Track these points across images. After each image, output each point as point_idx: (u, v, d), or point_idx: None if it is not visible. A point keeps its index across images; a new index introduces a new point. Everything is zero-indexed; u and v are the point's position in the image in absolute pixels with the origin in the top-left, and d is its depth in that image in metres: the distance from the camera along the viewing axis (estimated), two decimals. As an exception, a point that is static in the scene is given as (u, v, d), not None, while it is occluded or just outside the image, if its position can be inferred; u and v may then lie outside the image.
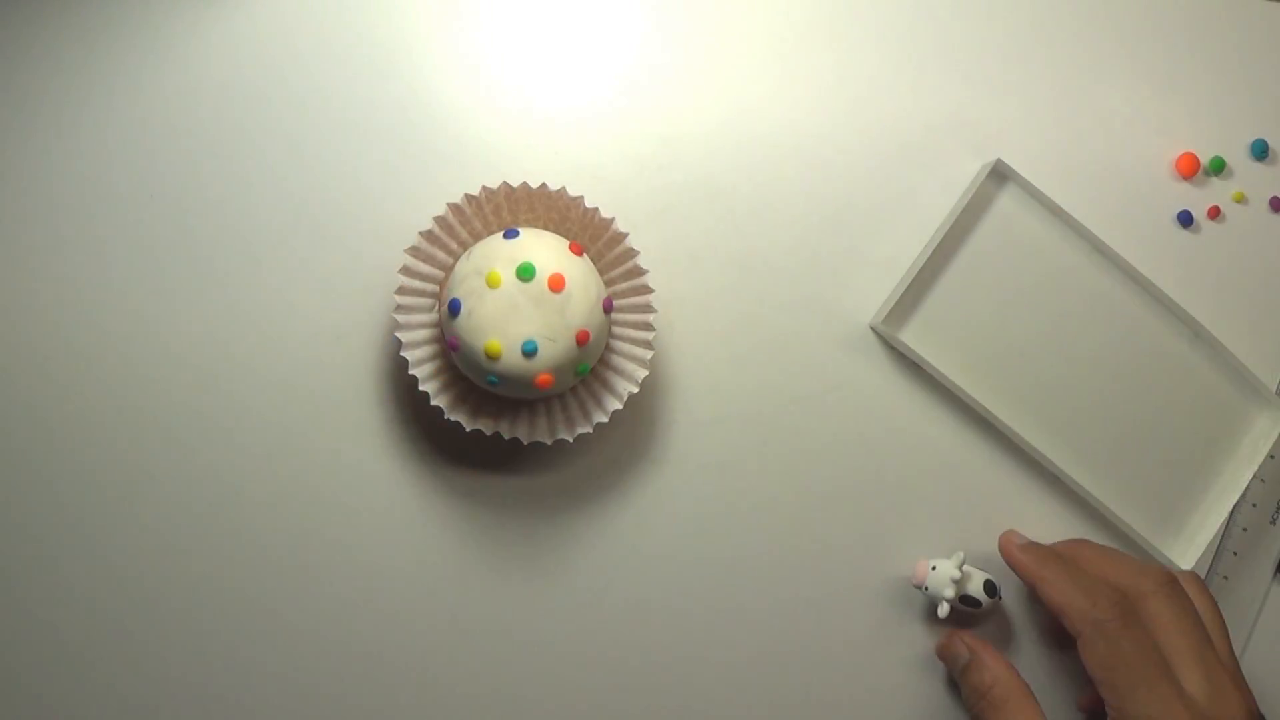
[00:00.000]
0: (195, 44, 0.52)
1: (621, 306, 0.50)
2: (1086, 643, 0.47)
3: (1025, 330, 0.54)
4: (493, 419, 0.49)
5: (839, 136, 0.54)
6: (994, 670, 0.50)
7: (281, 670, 0.51)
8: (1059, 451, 0.54)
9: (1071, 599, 0.47)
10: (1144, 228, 0.56)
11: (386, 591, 0.52)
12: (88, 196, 0.51)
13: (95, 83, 0.52)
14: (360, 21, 0.53)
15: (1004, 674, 0.50)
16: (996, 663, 0.50)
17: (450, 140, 0.53)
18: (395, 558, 0.52)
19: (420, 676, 0.52)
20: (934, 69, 0.55)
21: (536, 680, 0.52)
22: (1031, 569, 0.49)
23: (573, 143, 0.53)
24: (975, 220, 0.54)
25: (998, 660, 0.50)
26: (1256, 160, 0.56)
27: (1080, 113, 0.56)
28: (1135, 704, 0.45)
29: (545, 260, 0.46)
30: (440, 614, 0.52)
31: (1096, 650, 0.46)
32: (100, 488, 0.51)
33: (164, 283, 0.52)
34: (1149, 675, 0.46)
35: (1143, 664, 0.46)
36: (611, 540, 0.53)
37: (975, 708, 0.50)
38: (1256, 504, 0.56)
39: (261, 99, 0.52)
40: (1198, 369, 0.55)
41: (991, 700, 0.49)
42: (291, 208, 0.52)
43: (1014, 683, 0.49)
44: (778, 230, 0.54)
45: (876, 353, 0.54)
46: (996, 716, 0.49)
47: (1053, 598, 0.48)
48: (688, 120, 0.54)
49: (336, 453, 0.52)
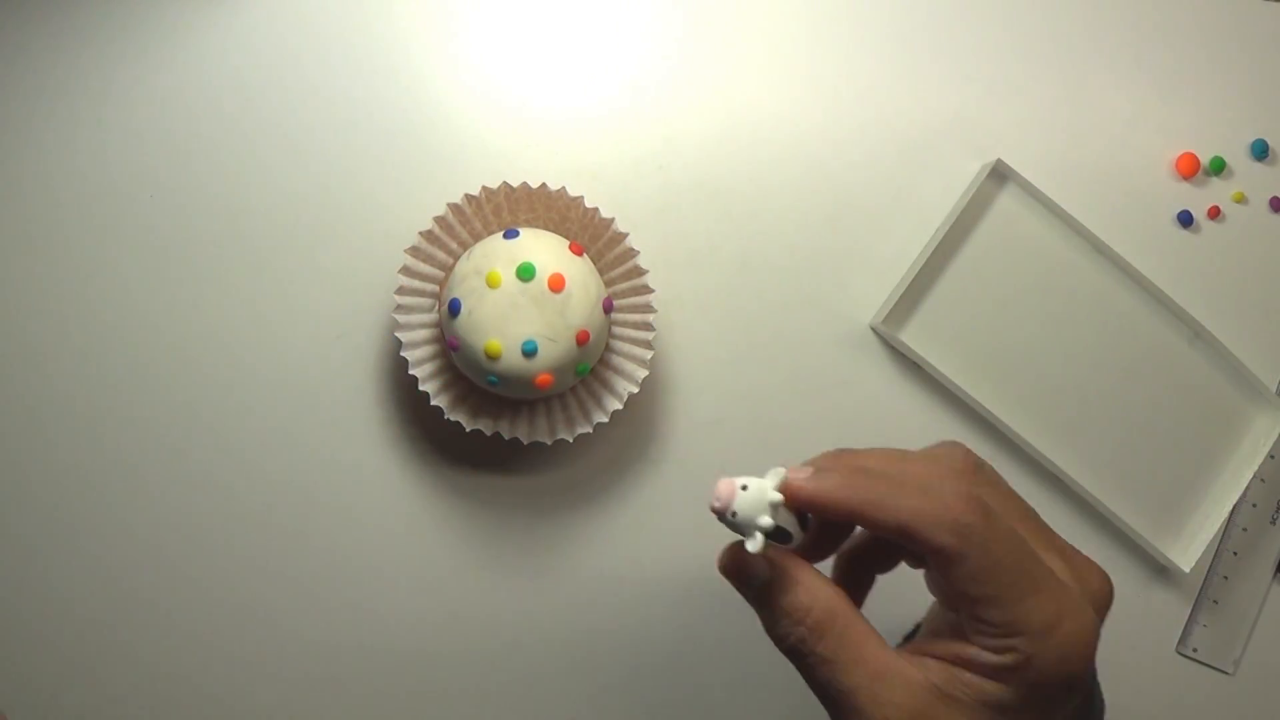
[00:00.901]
0: (195, 44, 0.52)
1: (621, 306, 0.50)
2: (952, 558, 0.36)
3: (1025, 330, 0.54)
4: (493, 419, 0.49)
5: (839, 137, 0.54)
6: (811, 587, 0.38)
7: (281, 670, 0.51)
8: (1059, 451, 0.54)
9: (919, 511, 0.36)
10: (1144, 228, 0.56)
11: (386, 591, 0.52)
12: (88, 196, 0.51)
13: (95, 83, 0.52)
14: (360, 22, 0.53)
15: (824, 591, 0.38)
16: (811, 577, 0.38)
17: (450, 140, 0.53)
18: (395, 557, 0.52)
19: (420, 676, 0.52)
20: (934, 69, 0.55)
21: (536, 680, 0.52)
22: (846, 496, 0.37)
23: (573, 143, 0.53)
24: (975, 220, 0.54)
25: (812, 574, 0.38)
26: (1256, 160, 0.56)
27: (1080, 113, 0.56)
28: (1027, 613, 0.36)
29: (545, 260, 0.46)
30: (440, 613, 0.52)
31: (967, 563, 0.36)
32: (100, 486, 0.51)
33: (164, 283, 0.52)
34: (1033, 575, 0.37)
35: (1021, 564, 0.36)
36: (611, 540, 0.53)
37: (790, 637, 0.37)
38: (1256, 504, 0.56)
39: (261, 99, 0.52)
40: (1198, 369, 0.55)
41: (813, 625, 0.37)
42: (292, 208, 0.52)
43: (839, 600, 0.38)
44: (778, 230, 0.54)
45: (876, 353, 0.54)
46: (824, 647, 0.37)
47: (894, 518, 0.36)
48: (688, 120, 0.54)
49: (336, 452, 0.52)
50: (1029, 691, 0.36)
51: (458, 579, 0.52)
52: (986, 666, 0.36)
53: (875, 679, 0.37)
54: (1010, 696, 0.36)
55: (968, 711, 0.37)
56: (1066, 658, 0.37)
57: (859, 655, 0.37)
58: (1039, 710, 0.37)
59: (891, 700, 0.36)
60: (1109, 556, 0.55)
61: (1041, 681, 0.36)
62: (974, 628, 0.37)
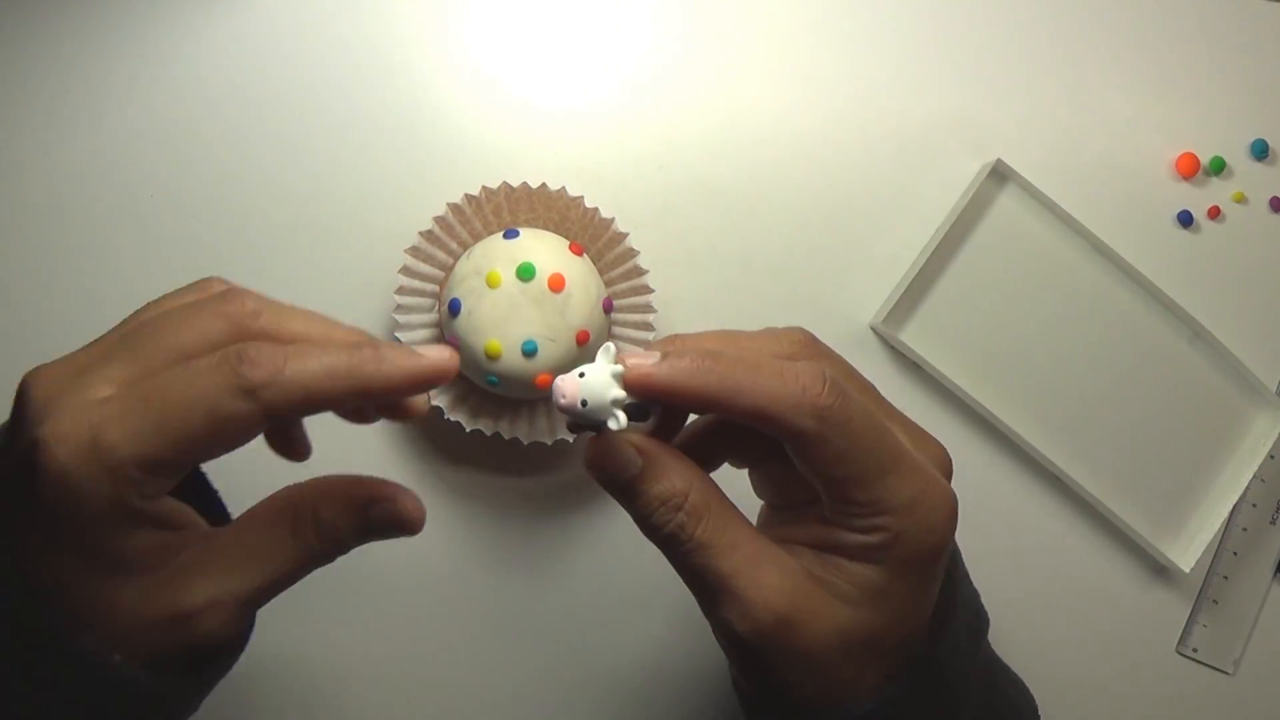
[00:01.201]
0: (195, 45, 0.52)
1: (621, 306, 0.50)
2: (814, 441, 0.35)
3: (1025, 330, 0.54)
4: (493, 419, 0.49)
5: (839, 137, 0.54)
6: (683, 472, 0.36)
7: (280, 670, 0.51)
8: (1059, 451, 0.54)
9: (777, 396, 0.35)
10: (1144, 228, 0.56)
11: (385, 590, 0.52)
12: (88, 196, 0.51)
13: (95, 83, 0.52)
14: (360, 22, 0.53)
15: (696, 475, 0.36)
16: (681, 462, 0.37)
17: (450, 140, 0.53)
18: (394, 557, 0.52)
19: (419, 675, 0.52)
20: (934, 69, 0.55)
21: (536, 679, 0.52)
22: (702, 382, 0.35)
23: (573, 143, 0.53)
24: (975, 220, 0.54)
25: (680, 459, 0.37)
26: (1256, 160, 0.56)
27: (1080, 113, 0.56)
28: (890, 490, 0.35)
29: (545, 260, 0.46)
30: (440, 612, 0.52)
31: (828, 446, 0.35)
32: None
33: (164, 283, 0.52)
34: (892, 451, 0.36)
35: (880, 442, 0.36)
36: (611, 540, 0.53)
37: (668, 525, 0.36)
38: (1256, 504, 0.56)
39: (261, 99, 0.52)
40: (1198, 369, 0.55)
41: (690, 510, 0.36)
42: (291, 207, 0.52)
43: (710, 485, 0.37)
44: (778, 230, 0.54)
45: (876, 353, 0.54)
46: (701, 531, 0.36)
47: (751, 403, 0.35)
48: (688, 120, 0.54)
49: (336, 452, 0.52)
50: (900, 568, 0.36)
51: (457, 578, 0.52)
52: (856, 548, 0.36)
53: (752, 563, 0.36)
54: (882, 577, 0.36)
55: (842, 594, 0.36)
56: (932, 529, 0.37)
57: (735, 539, 0.36)
58: (910, 588, 0.37)
59: (769, 583, 0.36)
60: (1109, 556, 0.55)
61: (910, 556, 0.36)
62: (838, 510, 0.36)
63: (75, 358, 0.35)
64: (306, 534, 0.35)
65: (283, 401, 0.32)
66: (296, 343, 0.34)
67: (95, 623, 0.33)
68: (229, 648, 0.37)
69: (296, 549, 0.35)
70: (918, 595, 0.37)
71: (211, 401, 0.32)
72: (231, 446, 0.34)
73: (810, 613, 0.36)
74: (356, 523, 0.36)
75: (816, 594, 0.36)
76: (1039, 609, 0.54)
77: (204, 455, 0.33)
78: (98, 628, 0.33)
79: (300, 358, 0.33)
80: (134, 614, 0.34)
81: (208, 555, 0.34)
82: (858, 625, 0.36)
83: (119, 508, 0.32)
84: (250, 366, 0.32)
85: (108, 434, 0.31)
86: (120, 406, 0.32)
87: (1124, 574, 0.55)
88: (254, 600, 0.35)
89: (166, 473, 0.33)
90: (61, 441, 0.32)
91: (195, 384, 0.32)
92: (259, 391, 0.32)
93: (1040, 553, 0.55)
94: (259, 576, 0.35)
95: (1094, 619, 0.55)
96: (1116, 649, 0.56)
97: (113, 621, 0.33)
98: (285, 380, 0.32)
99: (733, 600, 0.36)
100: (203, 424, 0.32)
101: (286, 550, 0.35)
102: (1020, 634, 0.54)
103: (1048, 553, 0.55)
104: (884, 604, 0.37)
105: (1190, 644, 0.56)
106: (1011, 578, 0.52)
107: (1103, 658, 0.56)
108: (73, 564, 0.33)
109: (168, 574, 0.34)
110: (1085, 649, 0.55)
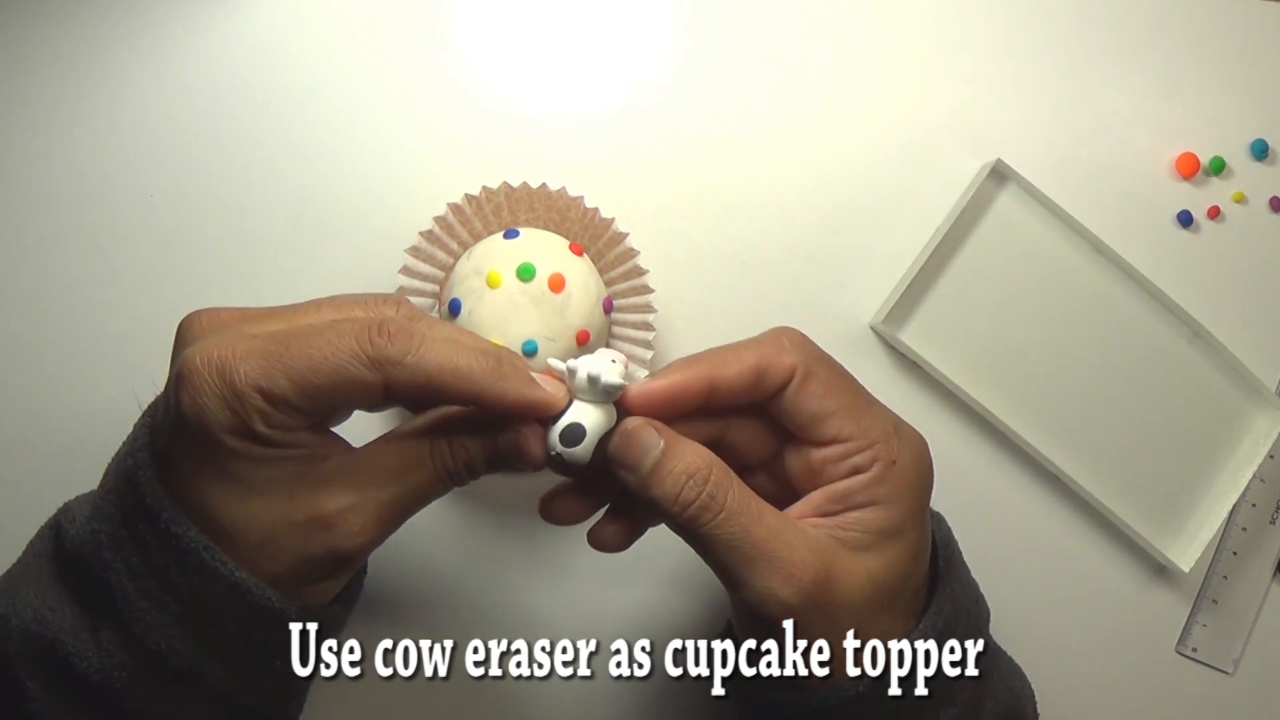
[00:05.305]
0: (195, 44, 0.52)
1: (621, 306, 0.50)
2: (805, 374, 0.39)
3: (1025, 330, 0.54)
4: (493, 419, 0.49)
5: (839, 136, 0.54)
6: (698, 448, 0.38)
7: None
8: (1059, 451, 0.54)
9: (762, 352, 0.39)
10: (1144, 228, 0.56)
11: (385, 590, 0.52)
12: (88, 196, 0.51)
13: (95, 83, 0.52)
14: (360, 22, 0.53)
15: (709, 451, 0.39)
16: (693, 441, 0.39)
17: (450, 140, 0.53)
18: (394, 557, 0.52)
19: (419, 675, 0.52)
20: (934, 69, 0.55)
21: (535, 678, 0.52)
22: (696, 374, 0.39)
23: (573, 143, 0.53)
24: (975, 220, 0.54)
25: (692, 440, 0.39)
26: (1256, 160, 0.56)
27: (1080, 113, 0.56)
28: (873, 420, 0.39)
29: (545, 260, 0.46)
30: (439, 612, 0.52)
31: (817, 378, 0.39)
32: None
33: (164, 283, 0.52)
34: (866, 394, 0.40)
35: (855, 384, 0.40)
36: (611, 540, 0.53)
37: (696, 498, 0.38)
38: (1256, 504, 0.56)
39: (262, 99, 0.52)
40: (1198, 369, 0.55)
41: (717, 481, 0.38)
42: (292, 207, 0.52)
43: (724, 462, 0.39)
44: (778, 230, 0.54)
45: (876, 353, 0.54)
46: (731, 500, 0.38)
47: (742, 364, 0.39)
48: (688, 120, 0.54)
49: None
50: (902, 499, 0.39)
51: (457, 578, 0.52)
52: (860, 488, 0.39)
53: (783, 528, 0.38)
54: (891, 515, 0.39)
55: (862, 544, 0.38)
56: (919, 454, 0.40)
57: (760, 508, 0.38)
58: (917, 523, 0.40)
59: (802, 544, 0.38)
60: (1109, 556, 0.55)
61: (908, 485, 0.39)
62: (830, 455, 0.39)
63: (244, 309, 0.38)
64: (443, 454, 0.37)
65: (406, 381, 0.35)
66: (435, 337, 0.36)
67: (238, 539, 0.35)
68: (362, 562, 0.39)
69: (434, 466, 0.37)
70: (921, 530, 0.40)
71: (342, 359, 0.34)
72: (351, 409, 0.38)
73: (842, 568, 0.38)
74: (487, 448, 0.38)
75: (842, 550, 0.38)
76: (1039, 609, 0.54)
77: (325, 407, 0.35)
78: (240, 544, 0.35)
79: (432, 348, 0.35)
80: (276, 522, 0.36)
81: (349, 465, 0.37)
82: (884, 570, 0.38)
83: (243, 429, 0.34)
84: (386, 340, 0.35)
85: (239, 363, 0.34)
86: (260, 344, 0.35)
87: (1124, 574, 0.55)
88: (392, 508, 0.37)
89: (289, 410, 0.35)
90: (200, 362, 0.35)
91: (332, 343, 0.35)
92: (386, 367, 0.35)
93: (1040, 552, 0.55)
94: (398, 487, 0.37)
95: (1094, 619, 0.55)
96: (1116, 649, 0.56)
97: (253, 534, 0.36)
98: (412, 363, 0.35)
99: (774, 565, 0.37)
100: (328, 379, 0.34)
101: (425, 467, 0.37)
102: (1020, 633, 0.54)
103: (1047, 552, 0.55)
104: (901, 542, 0.39)
105: (1190, 644, 0.56)
106: (1011, 577, 0.52)
107: (1103, 657, 0.56)
108: (215, 483, 0.35)
109: (311, 481, 0.36)
110: (1085, 648, 0.55)
